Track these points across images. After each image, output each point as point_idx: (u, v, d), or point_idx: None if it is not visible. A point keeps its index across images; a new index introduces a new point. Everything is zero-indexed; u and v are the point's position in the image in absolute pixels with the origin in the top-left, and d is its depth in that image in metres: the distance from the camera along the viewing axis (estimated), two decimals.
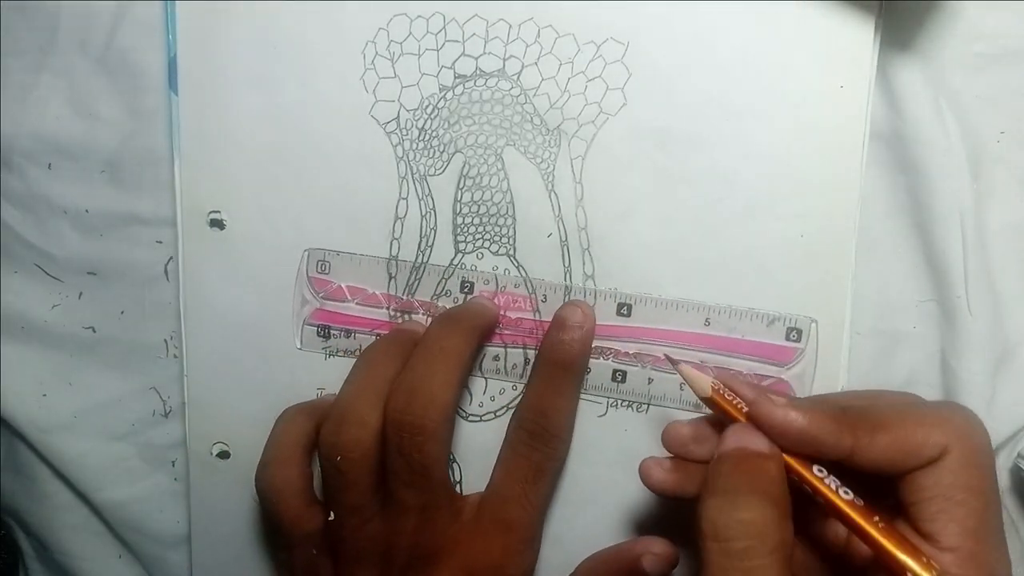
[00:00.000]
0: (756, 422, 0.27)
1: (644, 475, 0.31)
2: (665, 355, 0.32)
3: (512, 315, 0.36)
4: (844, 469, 0.27)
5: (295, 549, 0.36)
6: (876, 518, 0.26)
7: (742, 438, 0.27)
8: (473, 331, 0.35)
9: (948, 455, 0.26)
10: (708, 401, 0.29)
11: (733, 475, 0.26)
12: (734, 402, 0.28)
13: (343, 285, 0.38)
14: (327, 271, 0.38)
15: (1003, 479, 0.35)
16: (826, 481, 0.27)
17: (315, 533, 0.35)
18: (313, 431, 0.36)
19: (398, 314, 0.37)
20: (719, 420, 0.29)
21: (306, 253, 0.38)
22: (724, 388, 0.28)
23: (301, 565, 0.36)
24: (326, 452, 0.34)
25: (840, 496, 0.27)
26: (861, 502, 0.27)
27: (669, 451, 0.30)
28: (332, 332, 0.38)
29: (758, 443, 0.27)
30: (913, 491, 0.27)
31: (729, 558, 0.25)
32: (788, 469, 0.27)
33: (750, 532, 0.25)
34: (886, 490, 0.27)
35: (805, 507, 0.28)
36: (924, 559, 0.25)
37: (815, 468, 0.27)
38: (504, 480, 0.35)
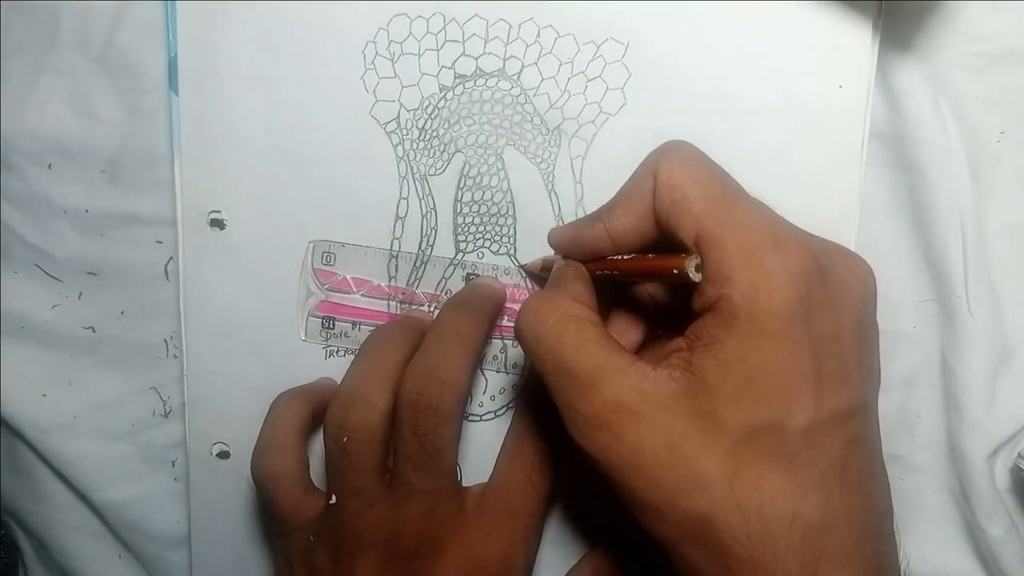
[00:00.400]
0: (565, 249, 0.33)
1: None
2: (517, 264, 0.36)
3: (513, 307, 0.36)
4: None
5: (292, 537, 0.36)
6: (650, 255, 0.29)
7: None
8: (485, 315, 0.35)
9: (655, 177, 0.28)
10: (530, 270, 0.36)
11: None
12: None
13: (348, 276, 0.38)
14: (332, 263, 0.38)
15: (1003, 479, 0.35)
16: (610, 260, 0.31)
17: (313, 520, 0.35)
18: (309, 416, 0.36)
19: (403, 306, 0.37)
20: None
21: (311, 245, 0.38)
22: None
23: (298, 553, 0.36)
24: (332, 433, 0.34)
25: (617, 261, 0.30)
26: (633, 255, 0.30)
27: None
28: (337, 323, 0.38)
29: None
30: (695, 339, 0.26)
31: (541, 341, 0.28)
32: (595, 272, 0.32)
33: (548, 310, 0.29)
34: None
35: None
36: (684, 256, 0.26)
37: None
38: (509, 468, 0.35)
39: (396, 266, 0.37)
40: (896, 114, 0.34)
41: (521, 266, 0.36)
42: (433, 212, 0.37)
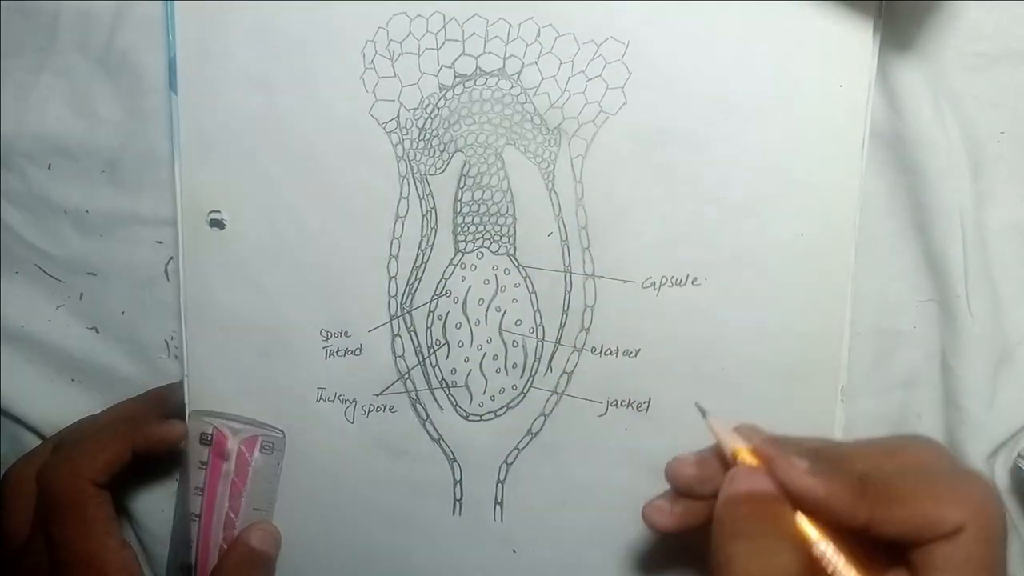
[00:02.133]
0: (774, 480, 0.26)
1: (649, 520, 0.30)
2: (696, 404, 0.30)
3: None
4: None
5: None
6: None
7: (752, 480, 0.27)
8: None
9: (964, 531, 0.25)
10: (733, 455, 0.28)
11: (754, 519, 0.26)
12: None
13: None
14: None
15: (1003, 479, 0.35)
16: (827, 555, 0.26)
17: None
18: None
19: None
20: (722, 457, 0.28)
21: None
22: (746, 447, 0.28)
23: None
24: None
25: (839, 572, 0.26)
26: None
27: (674, 487, 0.30)
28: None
29: (768, 486, 0.26)
30: (925, 560, 0.26)
31: None
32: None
33: None
34: (896, 551, 0.27)
35: None
36: None
37: (824, 541, 0.26)
38: None
39: (396, 266, 0.37)
40: (896, 114, 0.34)
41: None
42: (433, 211, 0.37)
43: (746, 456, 0.27)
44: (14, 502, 0.37)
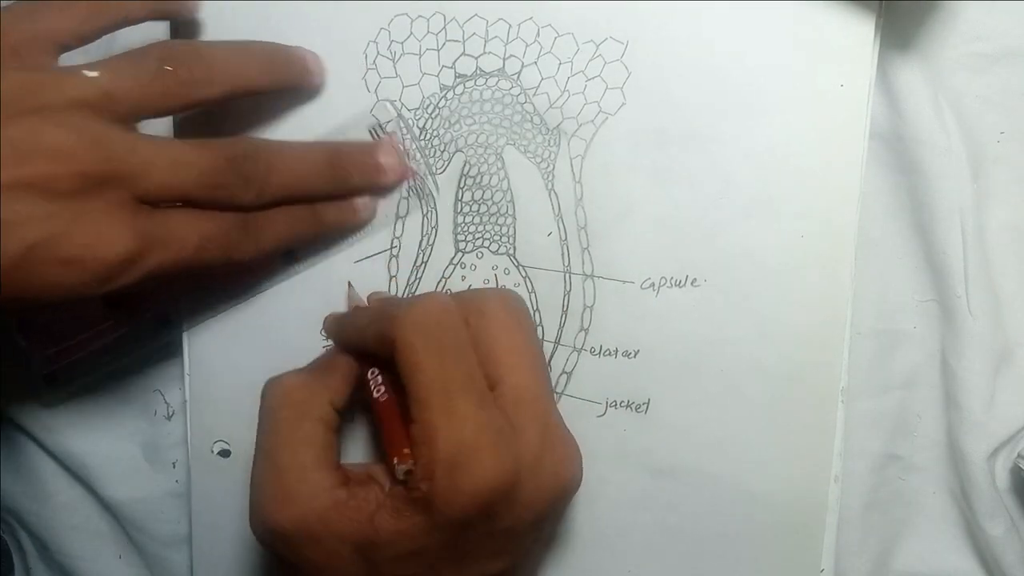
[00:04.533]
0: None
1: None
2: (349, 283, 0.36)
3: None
4: None
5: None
6: (388, 414, 0.30)
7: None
8: None
9: (395, 347, 0.29)
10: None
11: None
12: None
13: None
14: None
15: (1003, 479, 0.35)
16: (371, 380, 0.31)
17: None
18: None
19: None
20: None
21: None
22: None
23: None
24: None
25: (371, 392, 0.31)
26: (386, 398, 0.31)
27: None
28: None
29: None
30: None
31: (263, 412, 0.31)
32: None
33: (281, 393, 0.32)
34: None
35: None
36: (405, 451, 0.29)
37: (371, 370, 0.32)
38: None
39: (396, 265, 0.37)
40: (896, 114, 0.34)
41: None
42: (433, 211, 0.37)
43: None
44: None
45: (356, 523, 0.29)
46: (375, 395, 0.31)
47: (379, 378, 0.31)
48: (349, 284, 0.36)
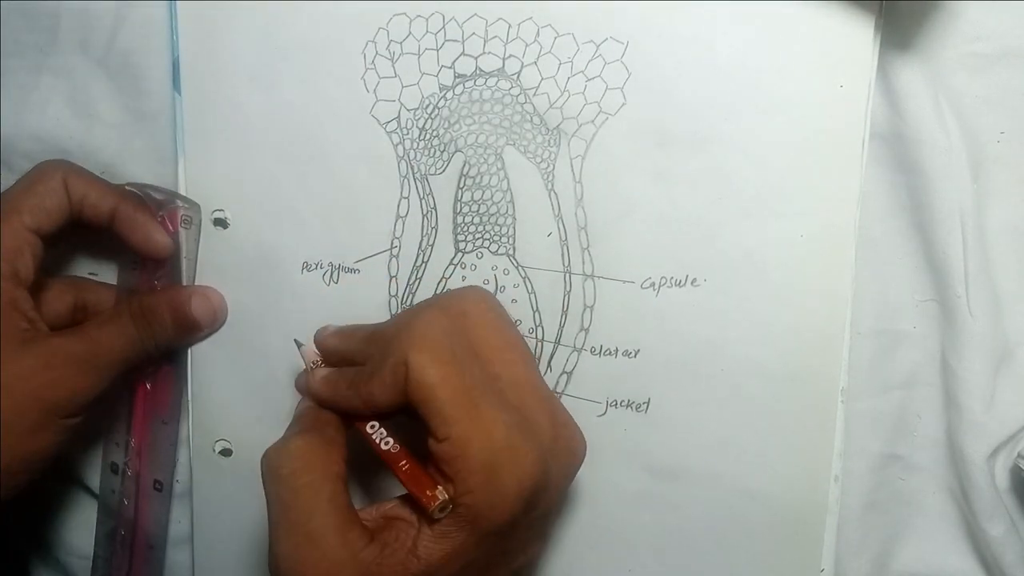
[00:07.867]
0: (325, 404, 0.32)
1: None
2: (295, 340, 0.35)
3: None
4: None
5: None
6: (403, 463, 0.29)
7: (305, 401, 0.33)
8: None
9: (407, 369, 0.28)
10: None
11: (291, 426, 0.32)
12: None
13: None
14: None
15: (1003, 479, 0.35)
16: (373, 434, 0.30)
17: None
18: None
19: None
20: None
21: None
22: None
23: None
24: None
25: (379, 446, 0.30)
26: (397, 448, 0.30)
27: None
28: None
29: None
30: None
31: (278, 483, 0.29)
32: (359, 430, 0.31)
33: (294, 458, 0.29)
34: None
35: None
36: (430, 492, 0.28)
37: (369, 424, 0.31)
38: None
39: (396, 265, 0.37)
40: (896, 114, 0.34)
41: (300, 345, 0.34)
42: (433, 211, 0.37)
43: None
44: None
45: (401, 565, 0.28)
46: (383, 447, 0.30)
47: (383, 431, 0.30)
48: (296, 341, 0.34)
